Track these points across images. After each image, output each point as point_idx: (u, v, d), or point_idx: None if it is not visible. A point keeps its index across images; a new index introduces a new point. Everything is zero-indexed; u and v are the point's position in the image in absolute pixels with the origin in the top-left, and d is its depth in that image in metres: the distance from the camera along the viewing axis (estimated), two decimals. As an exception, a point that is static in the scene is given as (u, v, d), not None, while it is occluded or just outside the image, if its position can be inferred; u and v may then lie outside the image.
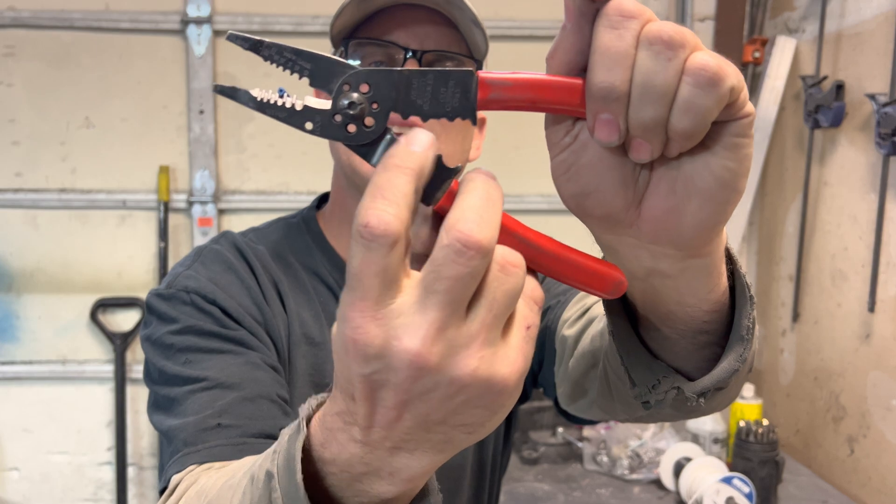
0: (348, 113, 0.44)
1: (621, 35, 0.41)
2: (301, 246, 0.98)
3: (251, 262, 0.92)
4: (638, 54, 0.41)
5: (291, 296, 0.93)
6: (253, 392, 0.76)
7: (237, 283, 0.88)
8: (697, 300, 0.53)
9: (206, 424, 0.73)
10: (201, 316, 0.83)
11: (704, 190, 0.45)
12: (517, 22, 2.33)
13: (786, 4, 2.27)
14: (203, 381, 0.77)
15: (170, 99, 2.30)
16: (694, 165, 0.45)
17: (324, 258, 0.97)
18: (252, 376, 0.78)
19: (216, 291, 0.85)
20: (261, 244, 0.96)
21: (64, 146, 2.29)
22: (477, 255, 0.38)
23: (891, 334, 1.75)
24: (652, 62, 0.41)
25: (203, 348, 0.80)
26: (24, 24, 2.24)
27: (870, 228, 1.82)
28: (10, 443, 2.35)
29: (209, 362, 0.79)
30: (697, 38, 0.42)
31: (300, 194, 2.33)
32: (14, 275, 2.31)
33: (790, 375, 2.20)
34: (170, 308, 0.84)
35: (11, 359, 2.33)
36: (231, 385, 0.76)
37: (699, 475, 1.70)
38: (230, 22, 2.27)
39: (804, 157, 2.10)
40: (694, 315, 0.54)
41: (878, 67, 1.80)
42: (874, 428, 1.81)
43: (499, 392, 0.40)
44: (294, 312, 0.92)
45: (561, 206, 1.92)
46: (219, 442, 0.72)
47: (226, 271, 0.89)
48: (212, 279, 0.86)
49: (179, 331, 0.82)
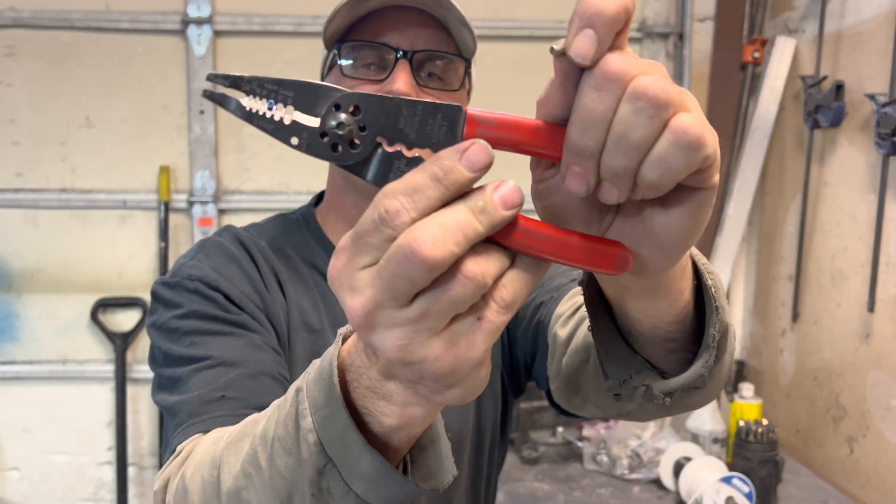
0: (336, 133, 0.45)
1: (602, 98, 0.42)
2: (300, 240, 1.01)
3: (252, 252, 0.95)
4: (620, 106, 0.42)
5: (291, 286, 0.96)
6: (255, 369, 0.79)
7: (239, 273, 0.91)
8: (659, 313, 0.57)
9: (211, 397, 0.76)
10: (205, 302, 0.86)
11: (659, 242, 0.49)
12: (517, 22, 2.33)
13: (785, 4, 2.27)
14: (207, 359, 0.79)
15: (170, 99, 2.30)
16: (654, 219, 0.48)
17: (322, 251, 1.01)
18: (254, 356, 0.81)
19: (219, 279, 0.88)
20: (261, 238, 0.99)
21: (64, 146, 2.29)
22: (420, 269, 0.40)
23: (890, 334, 1.75)
24: (632, 117, 0.42)
25: (207, 331, 0.83)
26: (25, 24, 2.24)
27: (869, 228, 1.82)
28: (10, 443, 2.35)
29: (213, 343, 0.81)
30: (685, 97, 0.43)
31: (300, 194, 2.33)
32: (14, 275, 2.31)
33: (790, 375, 2.20)
34: (174, 295, 0.87)
35: (12, 359, 2.33)
36: (234, 363, 0.79)
37: (699, 475, 1.70)
38: (230, 22, 2.27)
39: (804, 157, 2.10)
40: (657, 325, 0.58)
41: (878, 67, 1.80)
42: (874, 428, 1.81)
43: (434, 371, 0.43)
44: (293, 301, 0.95)
45: None
46: (223, 412, 0.74)
47: (228, 262, 0.92)
48: (215, 268, 0.90)
49: (184, 315, 0.85)
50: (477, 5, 2.33)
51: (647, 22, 2.36)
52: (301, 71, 2.30)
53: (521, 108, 1.84)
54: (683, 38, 2.36)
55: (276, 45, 2.30)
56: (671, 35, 2.38)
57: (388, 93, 0.83)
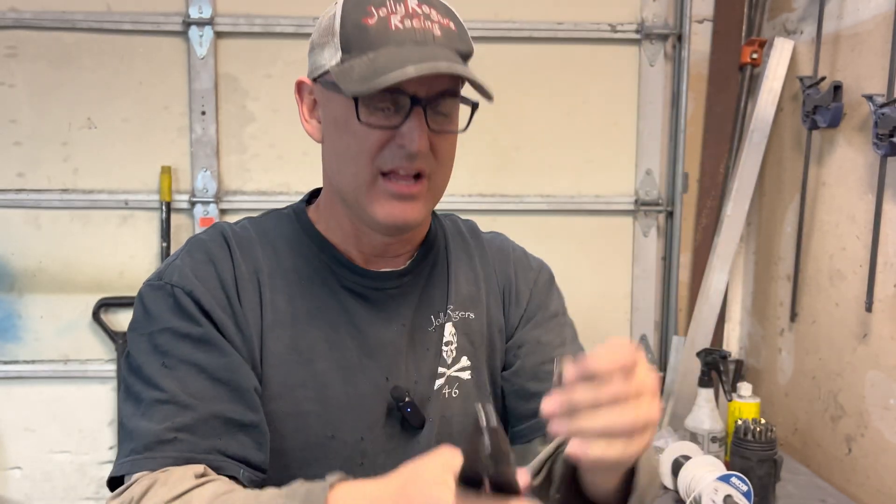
0: None
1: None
2: (290, 232, 1.04)
3: (233, 252, 1.00)
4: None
5: (270, 281, 1.00)
6: (206, 412, 0.89)
7: (214, 276, 0.97)
8: (601, 482, 0.85)
9: (165, 437, 0.87)
10: (178, 314, 0.94)
11: (602, 478, 0.84)
12: (517, 23, 2.34)
13: (784, 6, 2.28)
14: (168, 393, 0.89)
15: (171, 100, 2.31)
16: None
17: (310, 243, 1.03)
18: (210, 393, 0.91)
19: (195, 285, 0.95)
20: (253, 230, 1.04)
21: (66, 147, 2.30)
22: None
23: (888, 334, 1.76)
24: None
25: (176, 355, 0.92)
26: (26, 24, 2.25)
27: (867, 228, 1.83)
28: (12, 442, 2.36)
29: (177, 373, 0.91)
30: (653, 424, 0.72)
31: (301, 195, 2.31)
32: (16, 275, 2.32)
33: (788, 375, 2.21)
34: (155, 302, 0.96)
35: (14, 358, 2.34)
36: (189, 405, 0.89)
37: (697, 474, 1.71)
38: (232, 23, 2.28)
39: (802, 157, 2.11)
40: (598, 492, 0.87)
41: (876, 68, 1.81)
42: (872, 427, 1.82)
43: None
44: (269, 299, 0.99)
45: (560, 206, 1.97)
46: (173, 454, 0.86)
47: (206, 263, 0.98)
48: (194, 271, 0.96)
49: (160, 331, 0.93)
50: (477, 7, 2.34)
51: (645, 23, 2.37)
52: (302, 72, 2.30)
53: (520, 108, 1.88)
54: (682, 40, 2.36)
55: (278, 47, 2.31)
56: (670, 36, 2.39)
57: (402, 146, 0.90)
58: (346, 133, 0.94)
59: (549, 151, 2.39)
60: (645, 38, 2.38)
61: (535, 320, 1.11)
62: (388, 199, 0.94)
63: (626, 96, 2.41)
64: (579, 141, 2.40)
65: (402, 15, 0.90)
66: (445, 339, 1.05)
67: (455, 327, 1.05)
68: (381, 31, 0.89)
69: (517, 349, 1.09)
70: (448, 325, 1.05)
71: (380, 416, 1.00)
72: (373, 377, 1.00)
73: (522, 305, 1.11)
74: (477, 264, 1.11)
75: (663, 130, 2.43)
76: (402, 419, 1.01)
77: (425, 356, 1.04)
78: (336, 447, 0.98)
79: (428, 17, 0.91)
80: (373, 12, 0.90)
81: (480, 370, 1.07)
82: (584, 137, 2.40)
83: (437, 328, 1.05)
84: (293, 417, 0.97)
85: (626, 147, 2.43)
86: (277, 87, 2.32)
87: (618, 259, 2.47)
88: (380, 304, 1.02)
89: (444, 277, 1.08)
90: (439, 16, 0.92)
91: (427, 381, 1.03)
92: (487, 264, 1.12)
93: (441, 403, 1.03)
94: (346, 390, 0.99)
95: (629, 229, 2.46)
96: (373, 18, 0.89)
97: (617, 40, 2.39)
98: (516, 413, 1.08)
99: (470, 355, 1.06)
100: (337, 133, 0.96)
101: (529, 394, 1.06)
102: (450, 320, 1.05)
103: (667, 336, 2.46)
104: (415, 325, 1.04)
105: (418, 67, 0.85)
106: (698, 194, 2.43)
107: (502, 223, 2.39)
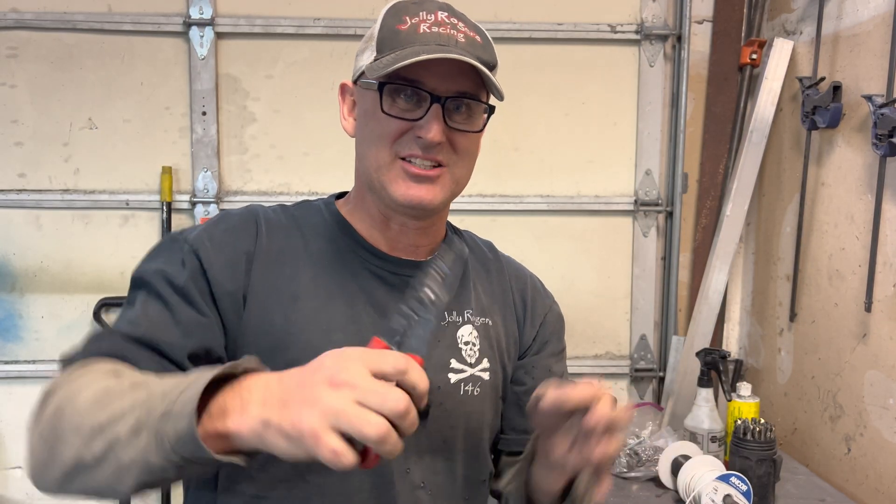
0: None
1: None
2: (318, 220, 1.13)
3: (259, 229, 1.07)
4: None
5: (292, 262, 1.07)
6: (146, 337, 0.97)
7: (229, 244, 1.04)
8: (552, 481, 1.02)
9: (107, 336, 0.98)
10: (178, 264, 1.02)
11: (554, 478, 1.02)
12: (517, 24, 2.34)
13: (783, 6, 2.28)
14: (135, 316, 0.99)
15: (172, 100, 2.31)
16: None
17: (337, 229, 1.11)
18: (156, 329, 0.98)
19: (201, 246, 1.03)
20: (283, 216, 1.12)
21: (67, 147, 2.30)
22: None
23: (887, 334, 1.77)
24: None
25: (163, 295, 1.00)
26: (27, 25, 2.25)
27: (867, 229, 1.83)
28: (12, 442, 2.37)
29: (155, 305, 0.99)
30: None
31: (302, 195, 2.34)
32: (17, 275, 2.32)
33: (787, 374, 2.21)
34: (168, 247, 1.05)
35: (15, 358, 2.34)
36: (140, 326, 0.98)
37: (697, 473, 1.71)
38: (232, 24, 2.28)
39: (801, 157, 2.11)
40: (542, 488, 1.06)
41: (875, 69, 1.82)
42: (871, 427, 1.83)
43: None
44: (288, 275, 1.06)
45: (560, 206, 1.99)
46: (101, 346, 0.98)
47: (226, 232, 1.06)
48: (210, 235, 1.04)
49: (157, 271, 1.02)
50: (478, 7, 2.34)
51: (645, 24, 2.38)
52: (303, 72, 2.31)
53: (520, 109, 1.88)
54: (682, 40, 2.37)
55: (278, 47, 2.31)
56: (669, 37, 2.39)
57: (420, 138, 1.00)
58: (372, 120, 1.03)
59: (549, 151, 2.40)
60: (645, 38, 2.38)
61: (549, 349, 1.23)
62: (406, 180, 1.02)
63: (626, 97, 2.42)
64: (579, 141, 2.41)
65: (430, 23, 1.01)
66: (466, 340, 1.13)
67: (477, 330, 1.14)
68: (410, 34, 1.00)
69: (531, 369, 1.20)
70: (468, 327, 1.13)
71: None
72: None
73: (536, 326, 1.22)
74: (494, 278, 1.21)
75: (663, 131, 2.43)
76: None
77: (436, 346, 1.10)
78: None
79: (455, 27, 1.02)
80: (406, 20, 1.02)
81: (497, 372, 1.16)
82: (583, 137, 2.41)
83: (451, 325, 1.12)
84: None
85: (626, 147, 2.44)
86: (278, 87, 2.32)
87: (617, 259, 2.47)
88: (397, 288, 1.09)
89: (462, 282, 1.16)
90: (466, 28, 1.03)
91: (437, 370, 1.09)
92: (504, 280, 1.22)
93: (460, 399, 1.11)
94: None
95: (629, 229, 2.46)
96: (405, 25, 1.01)
97: (617, 41, 2.39)
98: (512, 424, 1.19)
99: (490, 358, 1.15)
100: (365, 121, 1.06)
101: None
102: (470, 323, 1.14)
103: (666, 336, 2.47)
104: None
105: (431, 53, 0.96)
106: (698, 194, 2.44)
107: (502, 223, 2.40)
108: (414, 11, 1.03)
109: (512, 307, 1.21)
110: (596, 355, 2.50)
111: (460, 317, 1.13)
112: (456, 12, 1.05)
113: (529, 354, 1.21)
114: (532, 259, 2.58)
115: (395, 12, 1.04)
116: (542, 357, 1.22)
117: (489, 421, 1.15)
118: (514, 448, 1.19)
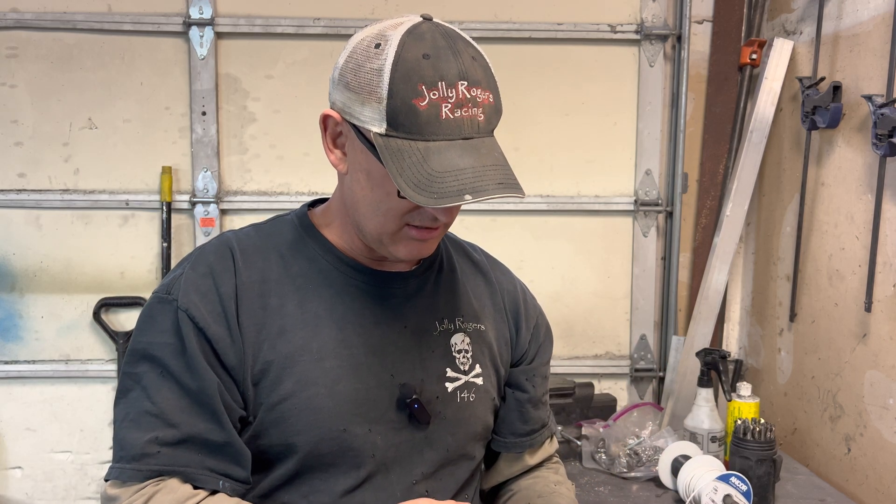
0: None
1: None
2: (293, 237, 1.10)
3: (236, 263, 1.05)
4: None
5: (277, 290, 1.05)
6: (187, 431, 0.98)
7: (213, 290, 1.02)
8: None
9: (150, 450, 0.96)
10: (177, 332, 1.00)
11: None
12: (517, 24, 2.34)
13: (783, 6, 2.28)
14: (157, 407, 0.98)
15: (172, 100, 2.31)
16: None
17: (316, 246, 1.09)
18: (190, 415, 0.98)
19: (192, 305, 1.00)
20: (257, 238, 1.09)
21: (67, 147, 2.30)
22: None
23: (887, 334, 1.77)
24: None
25: (170, 370, 0.99)
26: (27, 25, 2.25)
27: (866, 229, 1.84)
28: (13, 441, 2.37)
29: (168, 384, 0.99)
30: None
31: (302, 195, 2.34)
32: (17, 275, 2.32)
33: (787, 374, 2.21)
34: (161, 314, 1.02)
35: (15, 358, 2.34)
36: (174, 424, 0.97)
37: (697, 473, 1.71)
38: (232, 24, 2.28)
39: (801, 157, 2.11)
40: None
41: (875, 69, 1.82)
42: (871, 427, 1.83)
43: None
44: (277, 305, 1.04)
45: (560, 206, 2.00)
46: (155, 466, 0.96)
47: (206, 276, 1.03)
48: (195, 287, 1.02)
49: (161, 344, 1.00)
50: (477, 7, 2.35)
51: (645, 24, 2.38)
52: (302, 72, 2.31)
53: (519, 109, 1.89)
54: (682, 40, 2.37)
55: (278, 47, 2.31)
56: (669, 37, 2.39)
57: (434, 218, 0.99)
58: (380, 190, 0.98)
59: (549, 151, 2.40)
60: (644, 38, 2.38)
61: (542, 354, 1.25)
62: (410, 241, 1.02)
63: (626, 97, 2.42)
64: (579, 141, 2.41)
65: (452, 104, 0.91)
66: (459, 348, 1.13)
67: (469, 337, 1.14)
68: (431, 120, 0.91)
69: (532, 377, 1.22)
70: (460, 335, 1.13)
71: (385, 411, 1.06)
72: (378, 374, 1.06)
73: (530, 329, 1.23)
74: (483, 281, 1.21)
75: (663, 131, 2.43)
76: (409, 415, 1.07)
77: (431, 357, 1.10)
78: (348, 440, 1.03)
79: (475, 101, 0.93)
80: (424, 93, 0.91)
81: (490, 376, 1.16)
82: (583, 138, 2.41)
83: (443, 333, 1.12)
84: (308, 413, 1.02)
85: (626, 147, 2.44)
86: (278, 87, 2.32)
87: (617, 259, 2.47)
88: (384, 304, 1.08)
89: (450, 287, 1.15)
90: (483, 93, 0.95)
91: (434, 380, 1.10)
92: (493, 283, 1.22)
93: (457, 406, 1.11)
94: (354, 386, 1.04)
95: (629, 229, 2.46)
96: (424, 101, 0.91)
97: (617, 41, 2.39)
98: (510, 426, 1.21)
99: (481, 364, 1.15)
100: (369, 185, 0.99)
101: (528, 417, 1.21)
102: (462, 330, 1.14)
103: (666, 336, 2.47)
104: (418, 327, 1.10)
105: (474, 194, 0.90)
106: (698, 194, 2.44)
107: (502, 223, 2.40)
108: (431, 81, 0.91)
109: (503, 311, 1.21)
110: (596, 355, 2.50)
111: (452, 324, 1.13)
112: (472, 75, 0.94)
113: (526, 361, 1.23)
114: (532, 259, 2.60)
115: (409, 76, 0.91)
116: (540, 365, 1.24)
117: (485, 424, 1.17)
118: (513, 450, 1.22)
